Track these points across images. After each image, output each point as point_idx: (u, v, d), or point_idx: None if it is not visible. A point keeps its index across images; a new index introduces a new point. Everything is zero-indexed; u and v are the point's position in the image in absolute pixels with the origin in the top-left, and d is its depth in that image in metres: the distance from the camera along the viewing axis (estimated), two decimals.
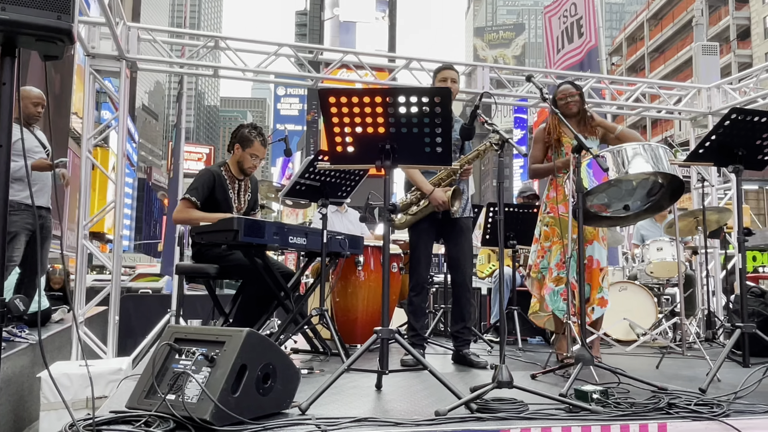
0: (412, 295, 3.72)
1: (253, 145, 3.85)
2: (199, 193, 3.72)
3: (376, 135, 2.54)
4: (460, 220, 3.74)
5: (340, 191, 3.80)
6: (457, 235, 3.72)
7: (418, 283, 3.68)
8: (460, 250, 3.71)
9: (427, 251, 3.73)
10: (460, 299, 3.69)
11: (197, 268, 3.68)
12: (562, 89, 3.86)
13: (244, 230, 3.15)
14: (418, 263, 3.69)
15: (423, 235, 3.71)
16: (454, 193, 3.61)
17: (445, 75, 3.69)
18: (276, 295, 3.58)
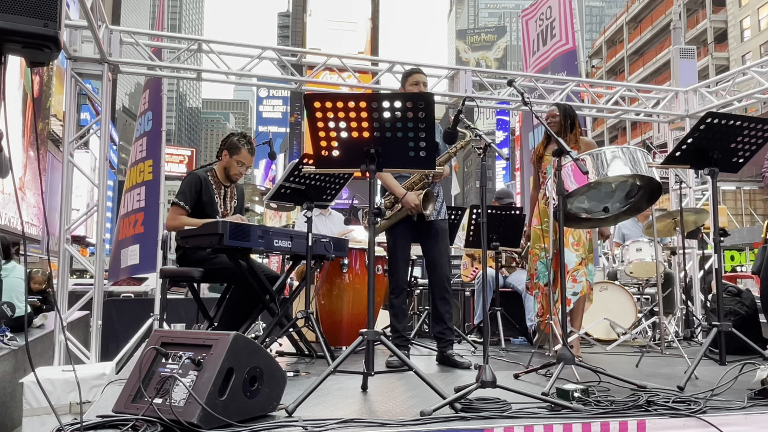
0: (392, 297, 3.75)
1: (241, 152, 3.87)
2: (187, 198, 3.73)
3: (360, 139, 2.57)
4: (436, 223, 3.77)
5: (325, 194, 3.82)
6: (433, 237, 3.75)
7: (397, 285, 3.71)
8: (437, 252, 3.74)
9: (404, 254, 3.76)
10: (440, 300, 3.72)
11: (182, 272, 3.68)
12: (549, 110, 4.12)
13: (230, 234, 3.16)
14: (396, 265, 3.72)
15: (399, 238, 3.74)
16: (426, 196, 3.65)
17: (416, 79, 3.72)
18: (261, 298, 3.59)
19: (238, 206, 4.08)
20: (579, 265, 3.87)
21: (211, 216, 3.82)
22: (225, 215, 3.93)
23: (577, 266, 3.87)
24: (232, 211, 3.99)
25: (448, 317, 3.76)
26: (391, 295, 3.77)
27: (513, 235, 4.88)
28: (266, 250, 3.43)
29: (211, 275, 3.68)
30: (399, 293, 3.73)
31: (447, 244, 3.84)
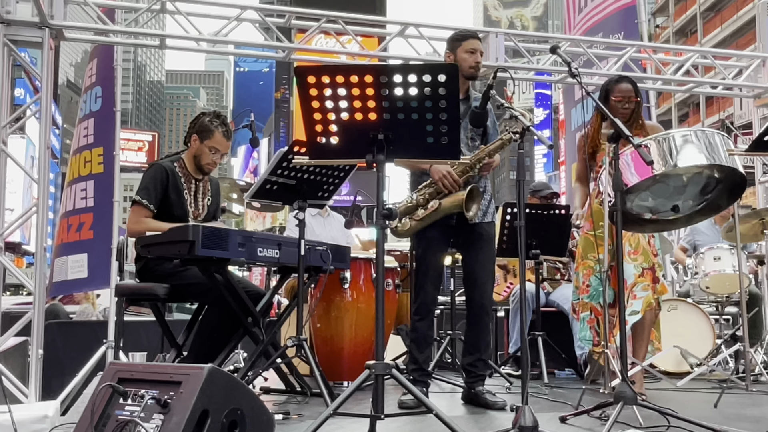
0: (415, 319, 3.75)
1: (214, 136, 3.88)
2: (151, 195, 3.75)
3: (366, 122, 2.57)
4: (480, 227, 3.78)
5: (321, 191, 3.83)
6: (476, 244, 3.77)
7: (424, 304, 3.72)
8: (479, 264, 3.76)
9: (436, 265, 3.77)
10: (477, 324, 3.74)
11: (142, 289, 3.69)
12: (621, 88, 3.98)
13: (202, 241, 3.17)
14: (425, 279, 3.73)
15: (432, 245, 3.75)
16: (470, 193, 3.64)
17: (473, 46, 3.71)
18: (242, 321, 3.61)
19: (213, 205, 4.10)
20: (639, 277, 3.86)
21: (180, 218, 3.84)
22: (197, 216, 3.95)
23: (636, 279, 3.85)
24: (206, 211, 4.01)
25: (484, 346, 3.78)
26: (414, 317, 3.79)
27: (557, 240, 4.87)
28: (248, 261, 3.44)
29: (179, 293, 3.69)
30: (425, 315, 3.75)
31: (492, 254, 3.86)
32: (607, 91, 4.00)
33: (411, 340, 3.83)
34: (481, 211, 3.77)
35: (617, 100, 3.94)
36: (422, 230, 3.75)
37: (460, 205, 3.64)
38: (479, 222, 3.77)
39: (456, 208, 3.68)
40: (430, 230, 3.74)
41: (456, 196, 3.67)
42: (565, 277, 5.51)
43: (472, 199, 3.65)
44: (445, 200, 3.68)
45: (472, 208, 3.65)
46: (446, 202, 3.67)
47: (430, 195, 3.71)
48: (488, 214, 3.83)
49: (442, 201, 3.68)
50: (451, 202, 3.66)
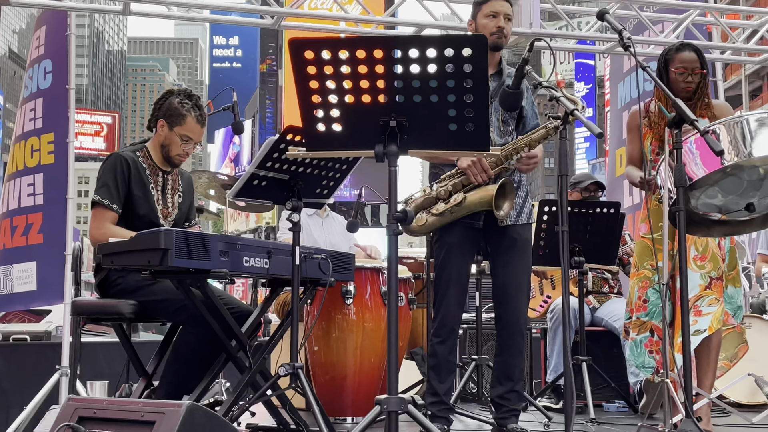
0: (434, 341, 3.76)
1: (185, 122, 3.87)
2: (113, 194, 3.76)
3: (375, 106, 2.57)
4: (513, 230, 3.78)
5: (320, 187, 3.82)
6: (508, 250, 3.77)
7: (445, 323, 3.73)
8: (511, 275, 3.76)
9: (459, 275, 3.77)
10: (508, 348, 3.75)
11: (105, 306, 3.70)
12: (683, 58, 3.92)
13: (177, 248, 3.16)
14: (446, 293, 3.74)
15: (454, 251, 3.76)
16: (502, 188, 3.64)
17: (494, 8, 3.71)
18: (224, 344, 3.60)
19: (185, 203, 4.10)
20: (706, 289, 3.84)
21: (146, 217, 3.84)
22: (167, 216, 3.95)
23: (702, 291, 3.84)
24: (176, 210, 4.02)
25: (517, 374, 3.79)
26: (433, 339, 3.79)
27: (605, 245, 4.86)
28: (232, 272, 3.43)
29: (148, 310, 3.69)
30: (447, 336, 3.76)
31: (528, 263, 3.87)
32: (666, 62, 3.96)
33: (429, 367, 3.83)
34: (515, 210, 3.76)
35: (678, 71, 3.90)
36: (443, 234, 3.76)
37: (489, 202, 3.62)
38: (512, 224, 3.77)
39: (484, 206, 3.66)
40: (452, 233, 3.75)
41: (485, 190, 3.66)
42: (614, 290, 5.49)
43: (505, 195, 3.64)
44: (472, 194, 3.67)
45: (504, 206, 3.64)
46: (473, 197, 3.66)
47: (453, 186, 3.70)
48: (523, 214, 3.83)
49: (467, 195, 3.67)
50: (478, 198, 3.65)
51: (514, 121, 3.82)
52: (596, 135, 2.75)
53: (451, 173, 3.71)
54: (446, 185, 3.69)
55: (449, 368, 3.78)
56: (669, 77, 3.91)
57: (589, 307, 5.26)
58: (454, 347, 3.85)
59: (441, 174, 3.78)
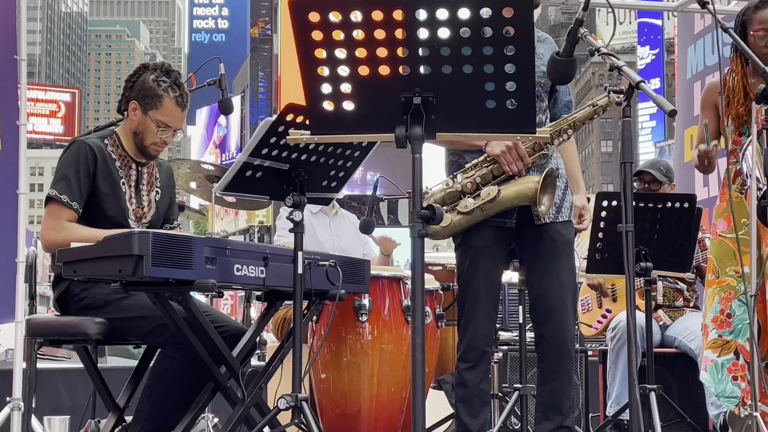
0: (462, 367, 3.79)
1: (163, 105, 3.89)
2: (74, 189, 3.77)
3: (395, 79, 2.57)
4: (551, 229, 3.80)
5: (327, 179, 3.83)
6: (546, 254, 3.79)
7: (475, 345, 3.77)
8: (553, 284, 3.78)
9: (490, 285, 3.80)
10: (554, 374, 3.78)
11: (67, 326, 3.72)
12: (764, 17, 3.92)
13: (154, 255, 3.18)
14: (474, 308, 3.77)
15: (483, 256, 3.78)
16: (546, 179, 3.65)
17: None
18: (211, 371, 3.62)
19: (164, 201, 4.12)
20: None
21: (115, 220, 3.86)
22: (141, 217, 3.98)
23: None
24: (153, 210, 4.05)
25: (567, 406, 3.81)
26: (461, 364, 3.82)
27: (678, 247, 4.83)
28: (221, 283, 3.44)
29: (119, 330, 3.72)
30: (477, 361, 3.79)
31: (572, 268, 3.90)
32: (743, 24, 3.95)
33: (458, 399, 3.84)
34: (555, 206, 3.78)
35: (758, 34, 3.89)
36: (467, 236, 3.78)
37: (530, 197, 3.63)
38: (550, 222, 3.79)
39: (523, 201, 3.67)
40: (479, 235, 3.78)
41: (524, 182, 3.67)
42: (690, 304, 5.49)
43: (545, 187, 3.66)
44: (508, 187, 3.68)
45: (545, 199, 3.66)
46: (509, 191, 3.67)
47: (482, 178, 3.71)
48: (563, 211, 3.86)
49: (502, 188, 3.68)
50: (516, 192, 3.67)
51: (548, 97, 3.82)
52: (668, 113, 2.74)
53: (477, 161, 3.73)
54: (473, 176, 3.70)
55: (482, 399, 3.79)
56: (747, 42, 3.89)
57: (659, 324, 5.24)
58: (487, 373, 3.88)
59: (462, 163, 3.79)
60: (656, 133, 47.06)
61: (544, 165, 3.77)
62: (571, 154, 4.13)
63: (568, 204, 3.88)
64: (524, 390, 4.93)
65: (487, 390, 3.90)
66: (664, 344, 5.33)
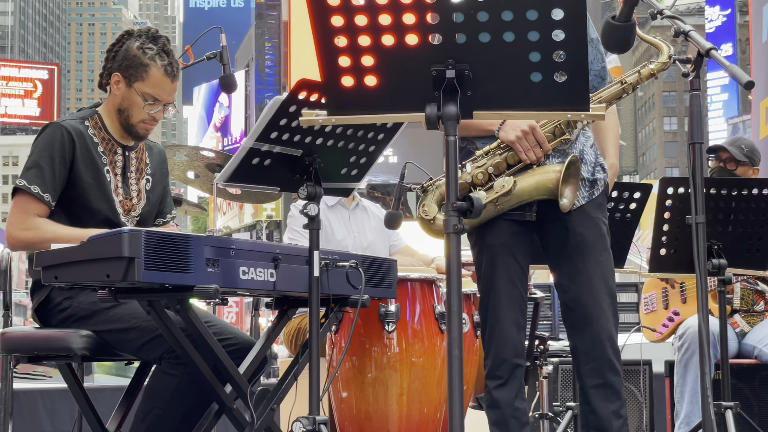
0: (492, 386, 3.83)
1: (149, 74, 3.90)
2: (46, 179, 3.78)
3: (424, 50, 2.57)
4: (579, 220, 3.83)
5: (347, 166, 3.83)
6: (576, 251, 3.82)
7: (504, 358, 3.80)
8: (584, 284, 3.80)
9: (513, 287, 3.84)
10: (595, 389, 3.78)
11: (46, 339, 3.74)
12: None
13: (147, 257, 3.18)
14: (498, 316, 3.81)
15: (502, 255, 3.83)
16: (568, 170, 3.66)
17: None
18: (215, 391, 3.63)
19: (156, 190, 4.14)
20: None
21: (101, 215, 3.89)
22: (130, 210, 4.00)
23: None
24: (144, 201, 4.07)
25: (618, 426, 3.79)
26: (489, 382, 3.85)
27: (757, 242, 4.80)
28: (224, 288, 3.45)
29: (107, 344, 3.74)
30: (509, 376, 3.81)
31: (609, 261, 3.88)
32: None
33: (492, 423, 3.85)
34: (585, 196, 3.81)
35: None
36: (482, 233, 3.81)
37: (550, 189, 3.66)
38: (579, 207, 3.81)
39: (542, 194, 3.71)
40: (495, 231, 3.81)
41: (543, 171, 3.71)
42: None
43: (569, 177, 3.67)
44: (524, 178, 3.71)
45: (567, 193, 3.67)
46: (526, 182, 3.71)
47: (495, 167, 3.74)
48: (597, 191, 3.87)
49: (518, 179, 3.70)
50: (535, 183, 3.70)
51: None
52: (743, 85, 2.72)
53: (489, 148, 3.75)
54: (485, 166, 3.73)
55: (520, 419, 3.81)
56: None
57: (735, 331, 5.22)
58: (521, 389, 3.88)
59: (473, 150, 3.79)
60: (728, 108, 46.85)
61: (566, 151, 3.79)
62: (603, 126, 4.13)
63: (602, 185, 3.90)
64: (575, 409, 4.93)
65: (524, 408, 3.89)
66: (741, 354, 5.30)
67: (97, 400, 4.06)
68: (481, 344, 4.76)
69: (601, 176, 3.95)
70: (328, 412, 4.54)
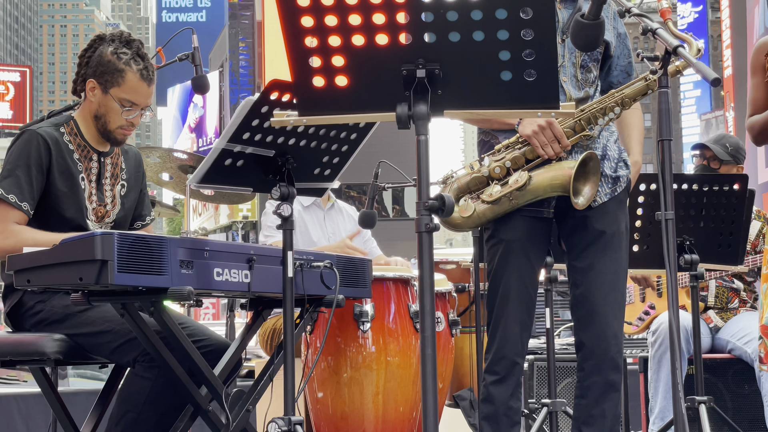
0: (490, 381, 3.82)
1: (125, 80, 3.87)
2: (23, 187, 3.76)
3: (394, 50, 2.57)
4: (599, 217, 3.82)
5: (320, 166, 3.83)
6: (592, 247, 3.82)
7: (504, 355, 3.79)
8: (598, 281, 3.80)
9: (523, 285, 3.83)
10: (596, 387, 3.78)
11: (19, 343, 3.72)
12: None
13: (120, 259, 3.17)
14: (504, 312, 3.80)
15: (516, 251, 3.81)
16: (584, 164, 3.65)
17: None
18: (190, 393, 3.62)
19: (132, 195, 4.13)
20: None
21: (74, 222, 3.87)
22: (104, 217, 3.98)
23: None
24: (118, 207, 4.05)
25: (610, 423, 3.82)
26: (487, 377, 3.85)
27: (728, 237, 4.82)
28: (199, 290, 3.44)
29: (81, 348, 3.72)
30: (507, 373, 3.81)
31: (624, 261, 3.91)
32: None
33: (483, 418, 3.85)
34: (607, 194, 3.80)
35: None
36: (498, 228, 3.80)
37: (564, 186, 3.65)
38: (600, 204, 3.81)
39: (557, 190, 3.69)
40: (512, 227, 3.79)
41: (559, 167, 3.70)
42: (747, 305, 5.49)
43: (587, 175, 3.67)
44: (540, 173, 3.70)
45: (585, 191, 3.66)
46: (541, 178, 3.69)
47: (513, 161, 3.73)
48: (619, 187, 3.87)
49: (533, 174, 3.69)
50: (549, 179, 3.69)
51: (598, 65, 3.81)
52: (710, 82, 2.73)
53: (509, 142, 3.73)
54: (503, 159, 3.71)
55: (511, 418, 3.81)
56: None
57: (708, 326, 5.24)
58: (518, 388, 3.88)
59: (494, 143, 3.79)
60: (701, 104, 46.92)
61: (589, 146, 3.79)
62: (629, 122, 4.12)
63: (624, 179, 3.90)
64: (554, 406, 4.94)
65: (518, 408, 3.89)
66: (714, 349, 5.32)
67: (71, 403, 4.05)
68: (455, 343, 4.79)
69: (624, 173, 3.94)
70: (304, 413, 4.54)
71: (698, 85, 44.41)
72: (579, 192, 3.64)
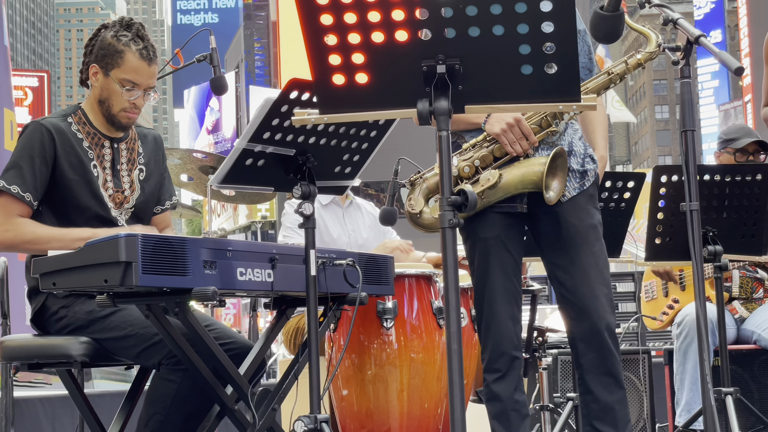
0: (491, 380, 3.84)
1: (124, 60, 3.87)
2: (26, 179, 3.76)
3: (414, 46, 2.57)
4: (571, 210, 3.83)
5: (340, 164, 3.83)
6: (569, 242, 3.83)
7: (502, 352, 3.80)
8: (579, 275, 3.80)
9: (507, 280, 3.85)
10: (597, 378, 3.78)
11: (45, 347, 3.73)
12: None
13: (144, 261, 3.18)
14: (493, 309, 3.82)
15: (495, 248, 3.83)
16: (553, 161, 3.66)
17: None
18: (216, 393, 3.62)
19: (152, 181, 4.12)
20: None
21: (90, 211, 3.87)
22: (122, 203, 3.98)
23: None
24: (137, 192, 4.05)
25: (620, 413, 3.80)
26: (488, 376, 3.85)
27: (751, 227, 4.80)
28: (222, 290, 3.44)
29: (107, 350, 3.73)
30: (507, 368, 3.82)
31: (602, 251, 3.89)
32: None
33: (492, 417, 3.85)
34: (577, 188, 3.83)
35: None
36: (473, 227, 3.83)
37: (535, 182, 3.67)
38: (569, 199, 3.82)
39: (528, 186, 3.72)
40: (487, 225, 3.82)
41: (528, 164, 3.72)
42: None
43: (555, 170, 3.69)
44: (510, 171, 3.72)
45: (553, 185, 3.68)
46: (512, 175, 3.72)
47: (482, 160, 3.75)
48: (587, 182, 3.87)
49: (503, 172, 3.71)
50: (520, 176, 3.71)
51: None
52: (733, 71, 2.72)
53: (476, 141, 3.77)
54: (471, 159, 3.74)
55: (520, 411, 3.82)
56: None
57: (733, 317, 5.22)
58: (520, 382, 3.90)
59: (461, 143, 3.82)
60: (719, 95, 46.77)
61: (555, 143, 3.80)
62: (591, 118, 4.16)
63: (592, 174, 3.91)
64: (578, 401, 4.93)
65: (524, 401, 3.90)
66: (740, 340, 5.31)
67: (97, 405, 4.04)
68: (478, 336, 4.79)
69: (591, 167, 3.95)
70: (329, 411, 4.54)
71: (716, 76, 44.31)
72: (549, 187, 3.66)
